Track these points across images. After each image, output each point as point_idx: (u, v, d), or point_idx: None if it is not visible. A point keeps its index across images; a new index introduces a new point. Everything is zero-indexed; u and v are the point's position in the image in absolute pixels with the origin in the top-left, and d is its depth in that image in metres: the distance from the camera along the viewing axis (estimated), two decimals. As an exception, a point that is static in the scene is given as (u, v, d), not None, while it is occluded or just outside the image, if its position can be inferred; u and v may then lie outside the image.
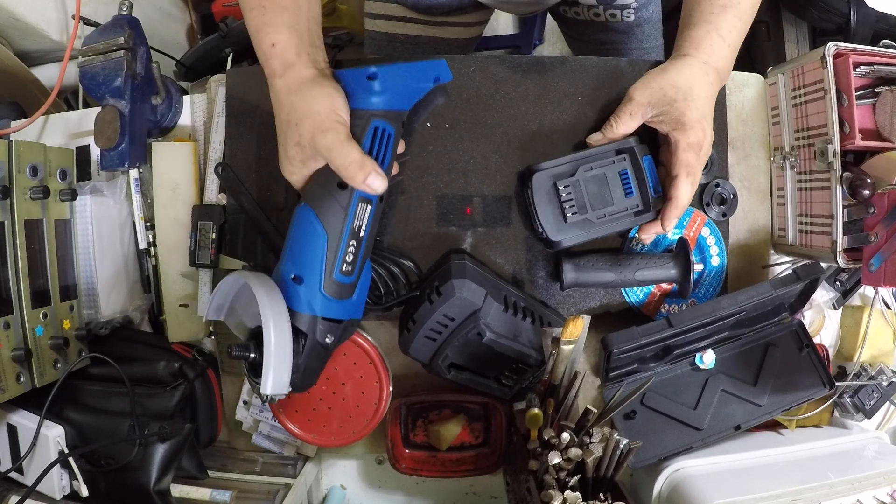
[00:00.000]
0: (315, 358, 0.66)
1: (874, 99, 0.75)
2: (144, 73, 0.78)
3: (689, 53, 0.70)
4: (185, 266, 0.80)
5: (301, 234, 0.65)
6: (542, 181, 0.73)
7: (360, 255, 0.66)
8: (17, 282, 0.69)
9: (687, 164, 0.68)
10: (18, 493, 0.72)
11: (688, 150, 0.68)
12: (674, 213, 0.69)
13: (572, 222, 0.72)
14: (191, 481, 0.80)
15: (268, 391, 0.61)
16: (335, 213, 0.64)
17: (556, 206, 0.72)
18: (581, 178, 0.72)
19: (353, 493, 0.95)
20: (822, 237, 0.75)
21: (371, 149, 0.65)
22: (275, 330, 0.60)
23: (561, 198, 0.72)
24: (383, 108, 0.65)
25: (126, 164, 0.76)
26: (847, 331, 0.88)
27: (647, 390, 0.77)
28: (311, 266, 0.63)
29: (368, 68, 0.64)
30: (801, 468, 0.75)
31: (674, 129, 0.69)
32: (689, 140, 0.67)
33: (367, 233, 0.66)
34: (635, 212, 0.72)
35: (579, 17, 0.99)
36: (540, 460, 0.70)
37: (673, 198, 0.69)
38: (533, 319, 0.75)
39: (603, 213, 0.72)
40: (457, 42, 1.01)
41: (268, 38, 0.65)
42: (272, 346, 0.60)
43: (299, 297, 0.64)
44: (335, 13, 1.36)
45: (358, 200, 0.64)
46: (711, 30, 0.69)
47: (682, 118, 0.68)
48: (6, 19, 0.97)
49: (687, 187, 0.68)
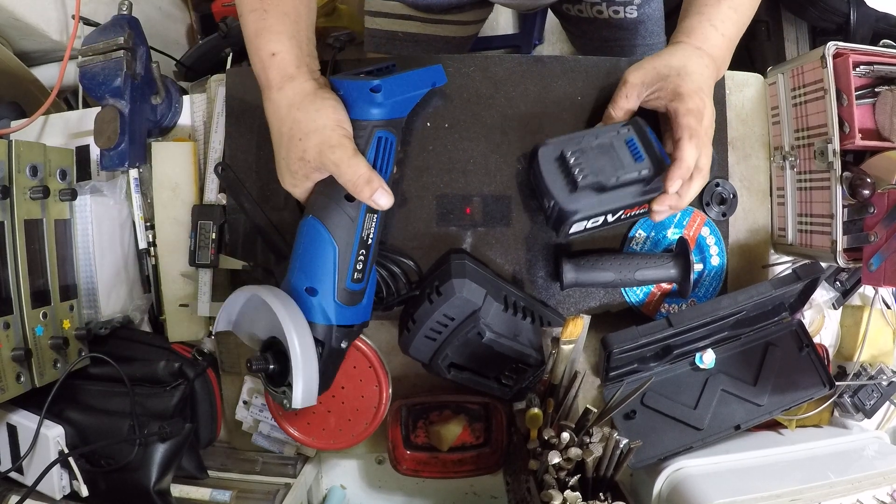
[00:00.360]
0: (332, 364, 0.68)
1: (874, 99, 0.75)
2: (144, 73, 0.78)
3: (681, 41, 0.70)
4: (185, 266, 0.80)
5: (311, 245, 0.66)
6: (548, 153, 0.69)
7: (369, 262, 0.68)
8: (17, 282, 0.69)
9: (689, 126, 0.65)
10: (18, 493, 0.72)
11: (687, 114, 0.65)
12: (677, 173, 0.64)
13: (584, 187, 0.66)
14: (191, 481, 0.80)
15: (299, 405, 0.62)
16: (344, 224, 0.65)
17: (565, 175, 0.68)
18: (587, 147, 0.68)
19: (353, 493, 0.95)
20: (822, 237, 0.75)
21: (376, 159, 0.66)
22: (300, 345, 0.62)
23: (569, 164, 0.67)
24: (385, 118, 0.66)
25: (126, 163, 0.76)
26: (847, 330, 0.88)
27: (647, 390, 0.77)
28: (323, 277, 0.65)
29: (371, 81, 0.65)
30: (801, 468, 0.75)
31: (671, 101, 0.67)
32: (688, 106, 0.65)
33: (374, 239, 0.68)
34: (647, 177, 0.67)
35: (582, 14, 0.99)
36: (540, 460, 0.70)
37: (677, 159, 0.64)
38: (533, 319, 0.75)
39: (614, 176, 0.66)
40: (455, 40, 1.01)
41: (268, 45, 0.64)
42: (300, 361, 0.61)
43: (314, 308, 0.65)
44: (335, 13, 1.36)
45: (366, 211, 0.66)
46: (703, 20, 0.70)
47: (678, 89, 0.66)
48: (6, 19, 0.97)
49: (691, 149, 0.64)
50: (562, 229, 0.70)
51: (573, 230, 0.70)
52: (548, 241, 0.79)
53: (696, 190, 0.66)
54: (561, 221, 0.69)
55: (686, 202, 0.67)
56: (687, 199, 0.67)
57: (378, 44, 0.98)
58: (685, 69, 0.67)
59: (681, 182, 0.64)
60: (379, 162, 0.66)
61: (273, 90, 0.64)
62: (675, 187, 0.65)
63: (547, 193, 0.69)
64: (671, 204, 0.66)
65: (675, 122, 0.66)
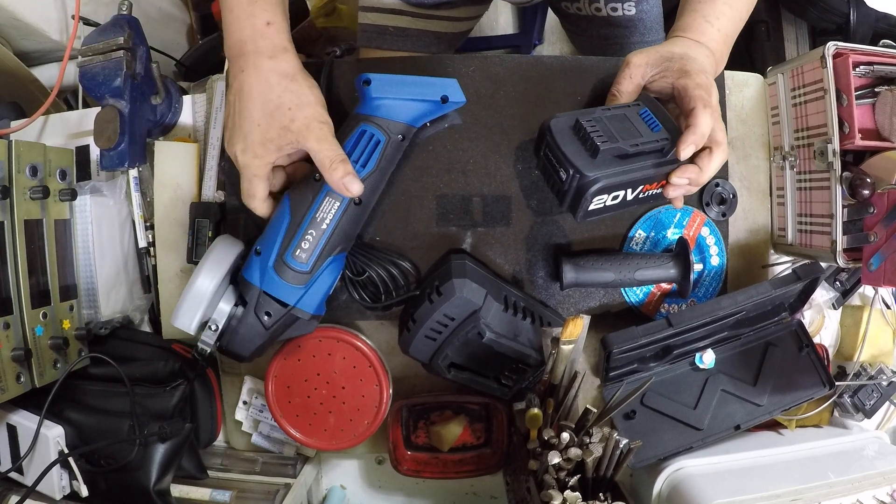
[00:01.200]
0: (251, 329, 0.68)
1: (874, 99, 0.75)
2: (144, 73, 0.78)
3: (678, 35, 0.71)
4: (184, 264, 0.80)
5: (274, 215, 0.68)
6: (561, 124, 0.64)
7: (319, 248, 0.67)
8: (17, 282, 0.69)
9: (701, 97, 0.63)
10: (18, 493, 0.72)
11: (698, 87, 0.64)
12: (691, 138, 0.61)
13: (605, 151, 0.61)
14: (191, 481, 0.80)
15: (173, 321, 0.65)
16: (304, 199, 0.66)
17: (583, 142, 0.63)
18: (602, 116, 0.64)
19: (353, 493, 0.95)
20: (822, 237, 0.75)
21: (353, 150, 0.66)
22: (204, 271, 0.65)
23: (587, 130, 0.62)
24: (375, 115, 0.67)
25: (126, 163, 0.76)
26: (847, 330, 0.88)
27: (646, 390, 0.77)
28: (270, 242, 0.67)
29: (365, 74, 0.66)
30: (800, 468, 0.75)
31: (678, 79, 0.65)
32: (698, 81, 0.64)
33: (331, 228, 0.67)
34: (666, 147, 0.63)
35: (581, 12, 0.99)
36: (540, 460, 0.70)
37: (691, 125, 0.62)
38: (533, 319, 0.75)
39: (635, 143, 0.62)
40: (446, 36, 1.01)
41: (263, 14, 0.64)
42: (194, 283, 0.64)
43: (252, 267, 0.67)
44: (335, 13, 1.36)
45: (326, 194, 0.66)
46: (698, 16, 0.71)
47: (685, 68, 0.65)
48: (6, 19, 0.97)
49: (706, 116, 0.62)
50: (581, 205, 0.64)
51: (592, 206, 0.65)
52: (548, 241, 0.79)
53: (717, 164, 0.64)
54: (581, 194, 0.63)
55: (706, 177, 0.64)
56: (707, 174, 0.64)
57: (369, 38, 0.98)
58: (688, 55, 0.67)
59: (694, 147, 0.62)
60: (355, 155, 0.66)
61: (264, 58, 0.64)
62: (689, 152, 0.62)
63: (565, 163, 0.63)
64: (690, 176, 0.64)
65: (685, 95, 0.64)
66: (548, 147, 0.66)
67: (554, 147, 0.64)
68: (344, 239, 0.68)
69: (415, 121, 0.69)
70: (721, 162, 0.65)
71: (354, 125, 0.67)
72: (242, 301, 0.67)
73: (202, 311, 0.65)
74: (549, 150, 0.65)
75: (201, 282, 0.65)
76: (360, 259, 0.75)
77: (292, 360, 0.77)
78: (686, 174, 0.64)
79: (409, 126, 0.69)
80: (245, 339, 0.68)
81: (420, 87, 0.68)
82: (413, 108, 0.68)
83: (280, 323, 0.68)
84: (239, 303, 0.68)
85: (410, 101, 0.68)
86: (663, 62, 0.67)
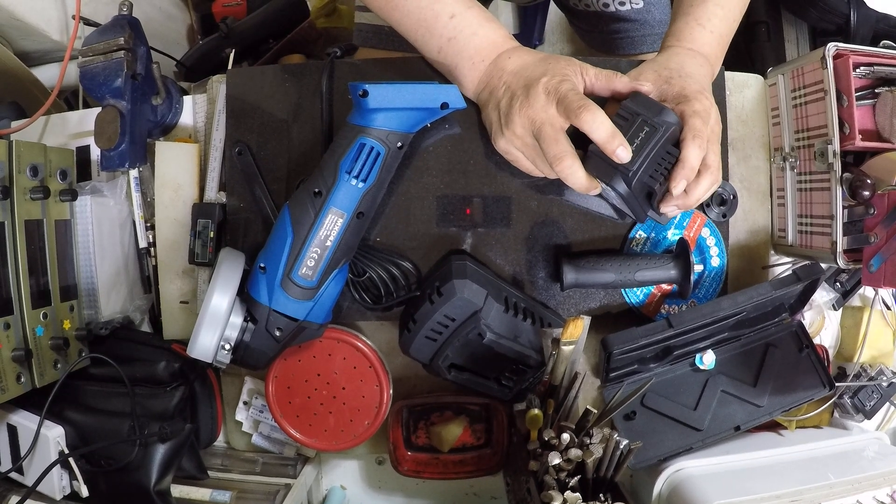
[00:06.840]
0: (263, 344, 0.68)
1: (874, 99, 0.75)
2: (144, 73, 0.78)
3: (672, 45, 0.71)
4: (185, 264, 0.80)
5: (276, 229, 0.68)
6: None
7: (325, 264, 0.67)
8: (18, 282, 0.69)
9: (693, 128, 0.64)
10: (18, 494, 0.72)
11: (694, 116, 0.64)
12: (681, 174, 0.63)
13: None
14: (191, 481, 0.80)
15: (191, 352, 0.65)
16: (306, 217, 0.66)
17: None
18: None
19: (354, 494, 0.95)
20: (822, 238, 0.75)
21: (353, 165, 0.65)
22: (216, 296, 0.64)
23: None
24: (373, 126, 0.65)
25: (126, 164, 0.76)
26: (847, 331, 0.88)
27: (647, 391, 0.77)
28: (274, 260, 0.67)
29: (361, 84, 0.63)
30: (800, 469, 0.75)
31: (677, 104, 0.66)
32: (695, 108, 0.65)
33: (335, 244, 0.67)
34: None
35: (590, 8, 1.00)
36: (540, 461, 0.70)
37: (680, 160, 0.64)
38: (533, 320, 0.75)
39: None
40: None
41: (483, 12, 0.69)
42: (207, 309, 0.64)
43: (259, 286, 0.67)
44: (335, 13, 1.36)
45: (329, 211, 0.66)
46: (690, 20, 0.71)
47: (683, 91, 0.66)
48: (6, 19, 0.97)
49: (694, 149, 0.63)
50: (651, 203, 0.66)
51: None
52: (548, 241, 0.79)
53: (705, 188, 0.65)
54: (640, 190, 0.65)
55: (694, 201, 0.66)
56: (694, 198, 0.65)
57: (365, 38, 0.98)
58: (683, 70, 0.67)
59: (686, 182, 0.64)
60: (356, 170, 0.65)
61: (511, 48, 0.69)
62: (681, 188, 0.64)
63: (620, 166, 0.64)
64: (677, 203, 0.66)
65: (682, 122, 0.65)
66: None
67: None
68: (348, 251, 0.69)
69: (413, 128, 0.68)
70: (710, 186, 0.65)
71: (352, 138, 0.65)
72: (252, 318, 0.67)
73: (220, 332, 0.65)
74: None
75: (216, 303, 0.64)
76: (361, 260, 0.75)
77: (293, 360, 0.77)
78: (674, 201, 0.65)
79: (407, 134, 0.68)
80: (257, 352, 0.69)
81: (419, 95, 0.65)
82: (412, 117, 0.67)
83: (290, 335, 0.69)
84: (248, 318, 0.67)
85: (410, 111, 0.66)
86: (661, 84, 0.67)
